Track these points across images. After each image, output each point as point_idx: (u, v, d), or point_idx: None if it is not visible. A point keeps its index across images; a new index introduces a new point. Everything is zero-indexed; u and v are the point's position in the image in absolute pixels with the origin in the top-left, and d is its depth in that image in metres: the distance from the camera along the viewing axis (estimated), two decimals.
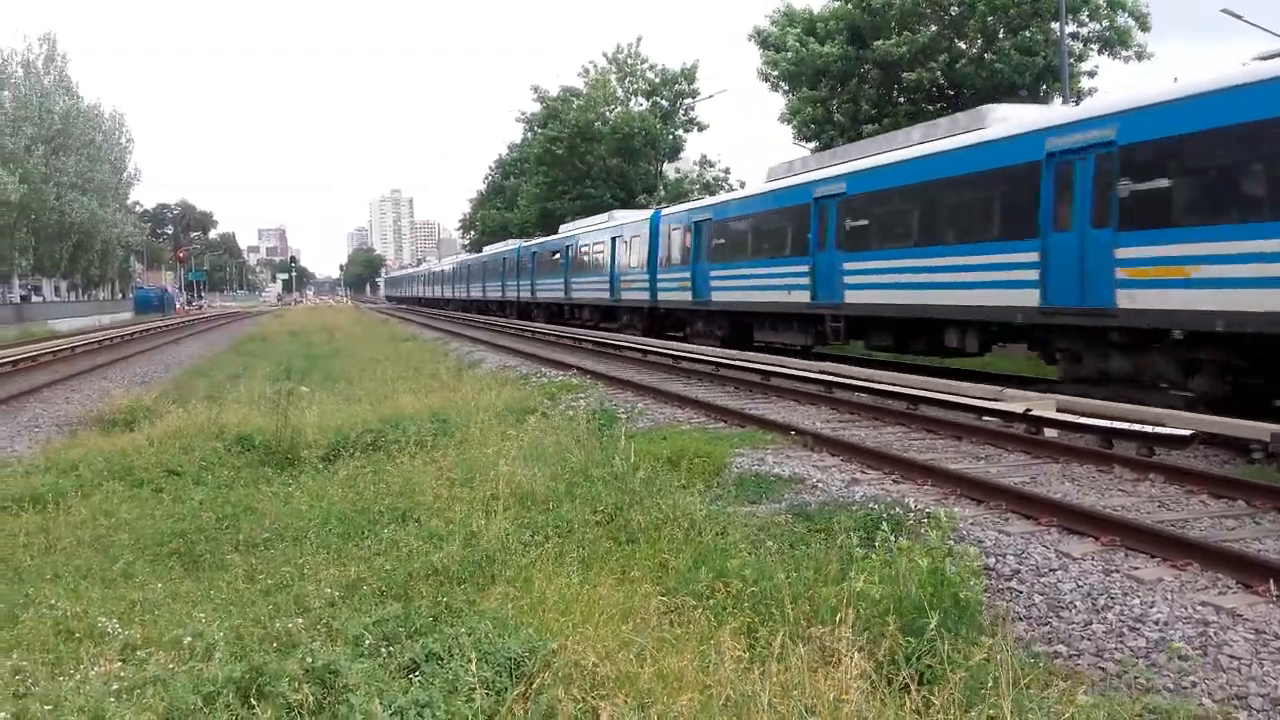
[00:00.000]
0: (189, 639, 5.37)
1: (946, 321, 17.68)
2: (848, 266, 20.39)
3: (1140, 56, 31.97)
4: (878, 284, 19.42)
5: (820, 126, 35.45)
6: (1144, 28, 31.89)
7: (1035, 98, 32.31)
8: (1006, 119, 16.84)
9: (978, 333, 17.30)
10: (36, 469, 11.24)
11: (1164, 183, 12.97)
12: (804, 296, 21.99)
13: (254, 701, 4.60)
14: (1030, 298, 15.04)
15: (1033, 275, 15.00)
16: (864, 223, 20.12)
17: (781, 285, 23.05)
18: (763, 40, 37.55)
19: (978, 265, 16.39)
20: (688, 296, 28.69)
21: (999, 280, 15.78)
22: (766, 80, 37.84)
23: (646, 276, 32.02)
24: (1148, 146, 13.23)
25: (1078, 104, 27.85)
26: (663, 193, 55.26)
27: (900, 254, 18.74)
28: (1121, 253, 13.35)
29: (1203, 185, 12.63)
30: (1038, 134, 15.17)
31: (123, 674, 4.96)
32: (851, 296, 20.28)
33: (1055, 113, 16.76)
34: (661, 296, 31.02)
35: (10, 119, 60.61)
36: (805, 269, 21.96)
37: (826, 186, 21.38)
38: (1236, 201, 12.11)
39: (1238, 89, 12.13)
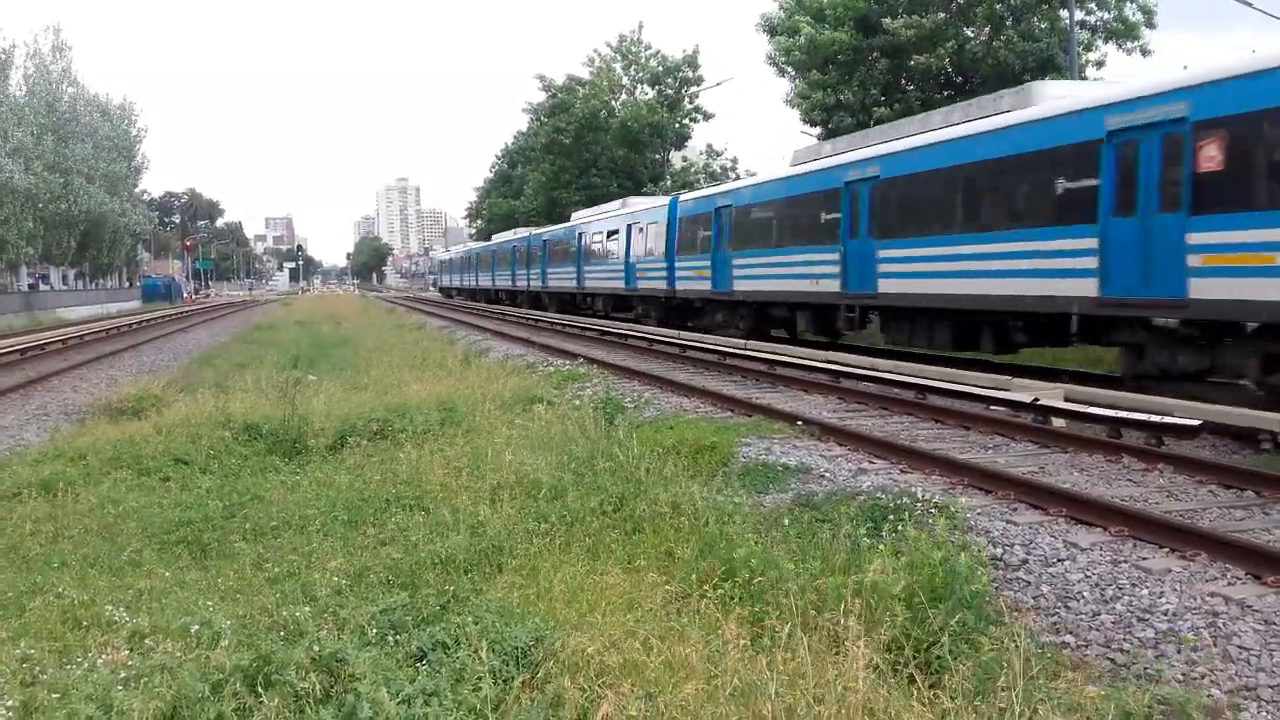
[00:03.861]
0: (196, 627, 5.38)
1: (990, 313, 16.49)
2: (883, 254, 19.11)
3: (1144, 52, 31.92)
4: (916, 273, 18.17)
5: (829, 111, 35.33)
6: (1150, 25, 31.82)
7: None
8: (1057, 96, 15.89)
9: (1027, 325, 16.20)
10: (45, 457, 11.27)
11: (1246, 162, 11.90)
12: (833, 285, 20.63)
13: (261, 690, 4.60)
14: (1088, 287, 14.10)
15: (1090, 263, 14.03)
16: (901, 208, 18.79)
17: (809, 274, 21.73)
18: (771, 28, 37.42)
19: (1027, 253, 15.34)
20: (707, 286, 27.40)
21: (1053, 269, 14.73)
22: (774, 65, 37.70)
23: (664, 265, 30.63)
24: (1227, 123, 12.08)
25: None
26: (669, 182, 55.13)
27: (941, 241, 17.43)
28: (1194, 238, 12.36)
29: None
30: (1096, 110, 14.12)
31: (130, 662, 4.97)
32: (887, 286, 18.99)
33: (1115, 88, 15.17)
34: (680, 286, 29.59)
35: (18, 109, 60.67)
36: (835, 257, 20.59)
37: (859, 170, 20.08)
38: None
39: None
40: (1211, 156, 12.24)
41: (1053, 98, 16.05)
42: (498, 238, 63.30)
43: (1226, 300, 11.97)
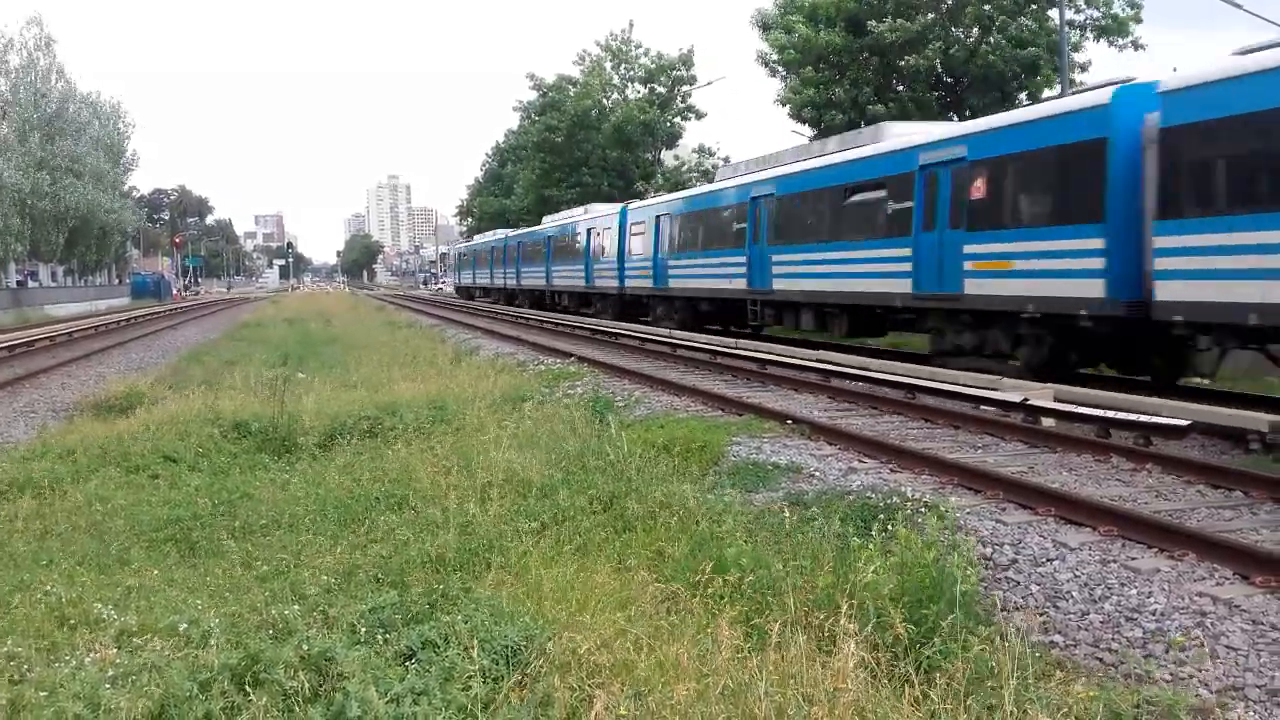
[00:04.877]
0: (185, 626, 5.36)
1: None
2: None
3: (1136, 46, 32.06)
4: None
5: (820, 110, 35.39)
6: (1136, 20, 32.00)
7: (1028, 90, 32.53)
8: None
9: None
10: (33, 454, 11.21)
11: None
12: None
13: (250, 689, 4.59)
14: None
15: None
16: None
17: None
18: (764, 24, 37.47)
19: None
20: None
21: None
22: (766, 64, 37.76)
23: (1098, 243, 14.08)
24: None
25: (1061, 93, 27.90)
26: (660, 180, 55.10)
27: None
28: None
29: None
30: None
31: (118, 661, 4.94)
32: None
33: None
34: (1167, 291, 12.81)
35: (6, 104, 60.42)
36: None
37: None
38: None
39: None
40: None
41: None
42: (555, 219, 46.52)
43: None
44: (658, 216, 30.68)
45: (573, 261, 39.94)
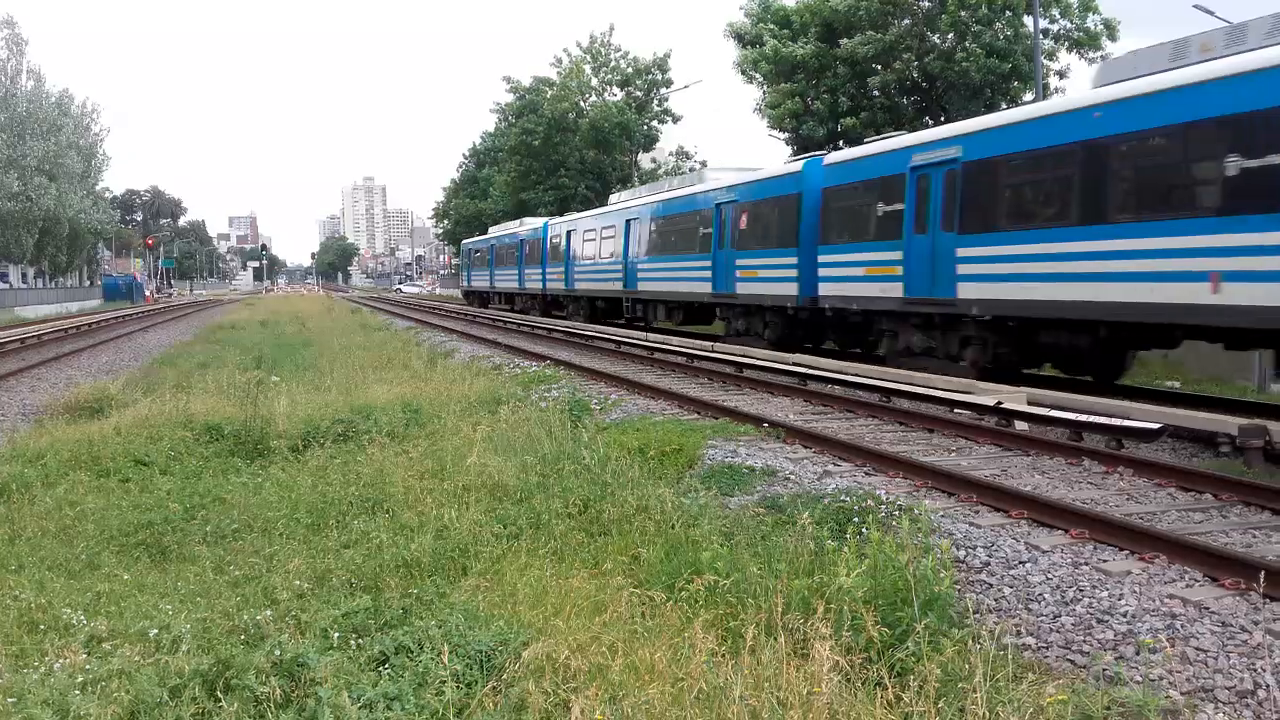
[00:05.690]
0: (155, 631, 5.32)
1: None
2: None
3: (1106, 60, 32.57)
4: None
5: (798, 119, 35.53)
6: (1112, 37, 32.42)
7: (1005, 96, 32.78)
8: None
9: None
10: (1, 458, 11.07)
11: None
12: None
13: (220, 695, 4.55)
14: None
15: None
16: None
17: None
18: (739, 36, 37.62)
19: None
20: None
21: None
22: (742, 72, 37.90)
23: None
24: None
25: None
26: (637, 183, 55.13)
27: None
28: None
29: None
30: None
31: (88, 666, 4.89)
32: None
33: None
34: None
35: None
36: None
37: None
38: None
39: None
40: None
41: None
42: (641, 195, 33.77)
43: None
44: (916, 168, 17.59)
45: (682, 256, 27.90)
